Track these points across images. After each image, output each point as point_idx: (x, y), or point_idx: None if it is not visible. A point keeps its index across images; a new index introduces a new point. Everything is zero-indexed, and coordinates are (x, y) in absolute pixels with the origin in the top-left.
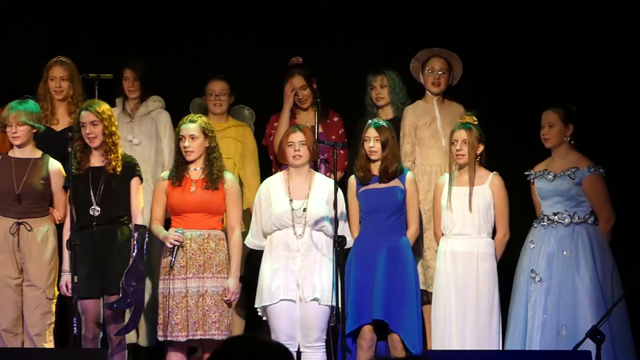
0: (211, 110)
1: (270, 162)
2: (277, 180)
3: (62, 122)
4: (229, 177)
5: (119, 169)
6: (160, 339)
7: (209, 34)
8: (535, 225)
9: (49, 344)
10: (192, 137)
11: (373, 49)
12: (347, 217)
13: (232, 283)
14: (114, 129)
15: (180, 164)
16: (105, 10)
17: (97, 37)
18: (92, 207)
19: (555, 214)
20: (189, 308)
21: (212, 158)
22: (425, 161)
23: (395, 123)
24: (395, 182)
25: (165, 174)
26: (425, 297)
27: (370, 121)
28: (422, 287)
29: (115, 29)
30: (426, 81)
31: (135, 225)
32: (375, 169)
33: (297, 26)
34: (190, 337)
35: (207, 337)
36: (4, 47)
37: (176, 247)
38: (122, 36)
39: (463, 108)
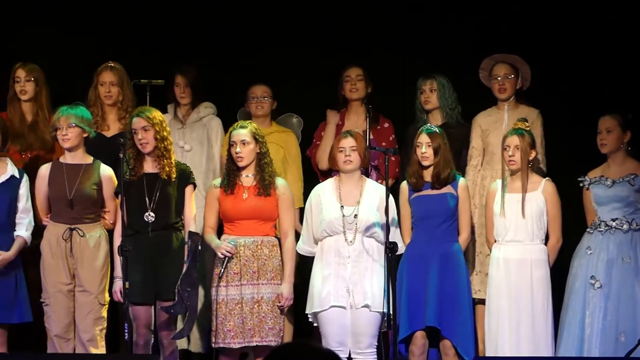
0: (253, 113)
1: (313, 171)
2: (328, 186)
3: (112, 128)
4: (280, 183)
5: (173, 176)
6: (214, 345)
7: (260, 40)
8: (591, 231)
9: (101, 349)
10: (244, 143)
11: (425, 54)
12: (399, 224)
13: (286, 289)
14: (165, 134)
15: (232, 171)
16: (157, 16)
17: (148, 42)
18: (147, 213)
19: (613, 220)
20: (244, 315)
21: (263, 164)
22: (489, 166)
23: (445, 129)
24: (447, 189)
25: (217, 181)
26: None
27: (422, 127)
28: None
29: (167, 34)
30: (493, 88)
31: (189, 232)
32: (427, 175)
33: (348, 32)
34: (246, 344)
35: (264, 343)
36: (55, 52)
37: (227, 257)
38: (174, 42)
39: (537, 112)
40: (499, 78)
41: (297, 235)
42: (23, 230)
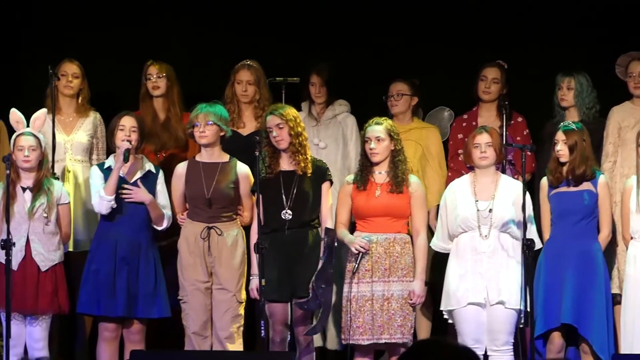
0: (390, 110)
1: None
2: (463, 182)
3: (248, 126)
4: (413, 180)
5: (309, 171)
6: (344, 342)
7: (399, 35)
8: None
9: (238, 346)
10: (378, 140)
11: (563, 51)
12: (539, 220)
13: (418, 286)
14: (300, 129)
15: (365, 168)
16: (292, 14)
17: (284, 40)
18: (284, 210)
19: None
20: (374, 312)
21: (397, 161)
22: (625, 163)
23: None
24: (586, 186)
25: (350, 177)
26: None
27: (561, 124)
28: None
29: (302, 32)
30: (629, 85)
31: (326, 228)
32: (565, 171)
33: (488, 26)
34: (375, 341)
35: (393, 340)
36: (192, 51)
37: (361, 253)
38: (309, 39)
39: None
40: (635, 75)
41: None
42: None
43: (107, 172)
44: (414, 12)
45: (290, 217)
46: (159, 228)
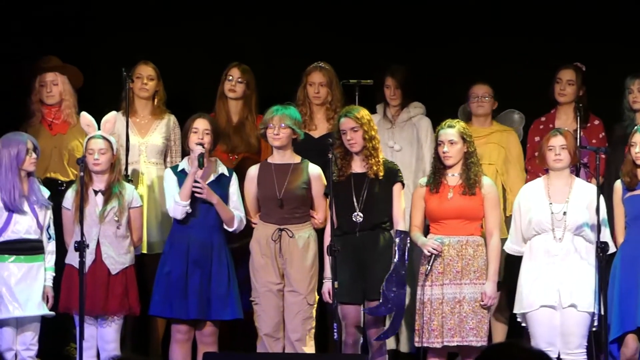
0: (474, 112)
1: None
2: (537, 185)
3: (320, 127)
4: (486, 181)
5: (381, 174)
6: (417, 344)
7: (475, 37)
8: None
9: (310, 349)
10: (451, 142)
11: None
12: (613, 223)
13: (490, 288)
14: (373, 133)
15: (438, 170)
16: (365, 16)
17: (357, 42)
18: (355, 213)
19: None
20: (443, 314)
21: (469, 163)
22: None
23: None
24: None
25: (423, 180)
26: None
27: (637, 126)
28: None
29: (376, 34)
30: None
31: (397, 230)
32: None
33: (565, 27)
34: (446, 344)
35: (465, 343)
36: (265, 51)
37: (433, 255)
38: (382, 41)
39: None
40: None
41: None
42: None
43: (180, 174)
44: (488, 13)
45: (362, 219)
46: (230, 229)
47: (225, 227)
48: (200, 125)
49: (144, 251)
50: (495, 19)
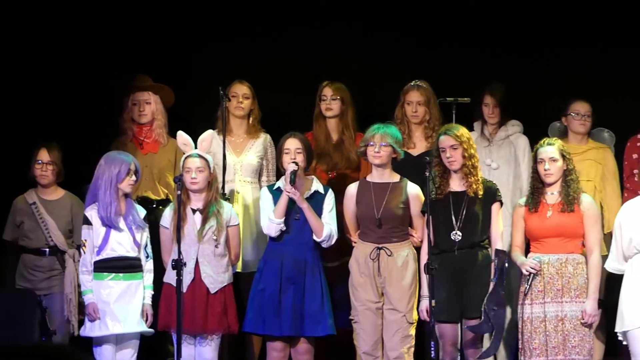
0: (575, 129)
1: None
2: (638, 202)
3: (418, 146)
4: (585, 199)
5: (480, 192)
6: None
7: (571, 54)
8: None
9: None
10: (552, 160)
11: None
12: None
13: (590, 306)
14: (472, 151)
15: (537, 189)
16: (460, 34)
17: (454, 60)
18: (454, 232)
19: None
20: (547, 332)
21: (568, 180)
22: None
23: None
24: None
25: (522, 200)
26: None
27: None
28: None
29: (472, 51)
30: None
31: (496, 250)
32: None
33: None
34: None
35: None
36: (360, 70)
37: (532, 274)
38: (479, 59)
39: None
40: None
41: None
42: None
43: (276, 193)
44: (586, 31)
45: (460, 238)
46: (319, 240)
47: (315, 237)
48: (292, 145)
49: (239, 270)
50: (593, 37)
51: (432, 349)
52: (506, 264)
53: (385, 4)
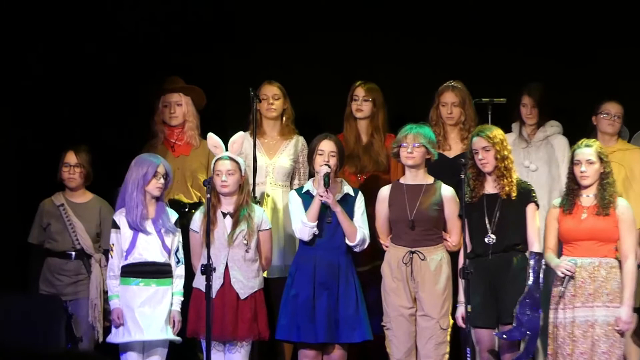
0: (604, 130)
1: None
2: None
3: (454, 148)
4: (621, 203)
5: (513, 194)
6: None
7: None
8: None
9: None
10: (589, 162)
11: None
12: None
13: (625, 312)
14: (506, 152)
15: (572, 191)
16: (496, 35)
17: (491, 60)
18: (488, 235)
19: None
20: (574, 338)
21: (605, 183)
22: None
23: None
24: None
25: (557, 201)
26: None
27: None
28: None
29: (508, 52)
30: None
31: (532, 252)
32: None
33: None
34: None
35: None
36: (394, 70)
37: (567, 277)
38: (515, 60)
39: None
40: None
41: None
42: None
43: (305, 196)
44: (627, 31)
45: (494, 241)
46: (351, 244)
47: (347, 241)
48: (326, 147)
49: (265, 275)
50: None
51: (468, 355)
52: (543, 267)
53: (421, 5)
